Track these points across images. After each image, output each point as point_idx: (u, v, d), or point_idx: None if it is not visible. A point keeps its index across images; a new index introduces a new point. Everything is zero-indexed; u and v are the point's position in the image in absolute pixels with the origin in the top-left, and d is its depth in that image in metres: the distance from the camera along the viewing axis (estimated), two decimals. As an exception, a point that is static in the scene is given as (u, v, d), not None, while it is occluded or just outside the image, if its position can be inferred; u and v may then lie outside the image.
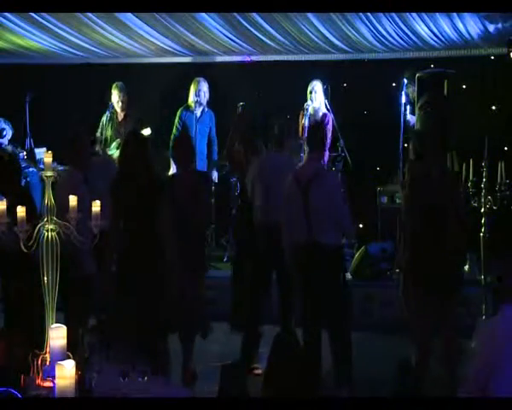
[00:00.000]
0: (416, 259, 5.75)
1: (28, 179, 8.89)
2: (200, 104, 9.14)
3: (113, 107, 9.23)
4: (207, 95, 9.18)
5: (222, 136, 9.17)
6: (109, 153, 9.01)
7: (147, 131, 8.89)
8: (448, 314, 5.64)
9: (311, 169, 6.03)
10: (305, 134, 8.64)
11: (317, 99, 8.92)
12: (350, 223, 6.05)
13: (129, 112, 9.27)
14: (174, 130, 9.23)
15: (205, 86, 9.17)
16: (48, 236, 4.01)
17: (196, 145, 8.50)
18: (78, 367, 3.58)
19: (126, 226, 5.93)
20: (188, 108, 9.18)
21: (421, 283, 5.68)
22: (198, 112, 9.16)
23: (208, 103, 9.25)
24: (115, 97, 9.22)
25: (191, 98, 9.14)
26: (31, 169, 9.05)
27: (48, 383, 3.84)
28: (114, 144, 9.05)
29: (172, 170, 9.12)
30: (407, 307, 5.90)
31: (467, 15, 8.40)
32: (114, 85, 9.29)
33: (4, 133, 9.11)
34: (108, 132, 9.17)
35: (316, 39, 9.52)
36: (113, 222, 5.72)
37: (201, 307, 6.23)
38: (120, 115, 9.27)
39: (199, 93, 9.11)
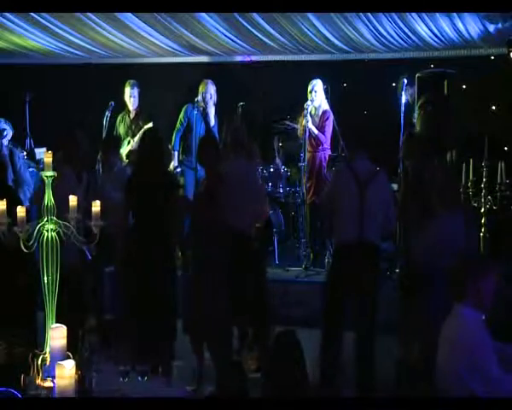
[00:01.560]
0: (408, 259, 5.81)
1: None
2: (207, 105, 9.17)
3: (113, 106, 9.26)
4: (214, 97, 9.23)
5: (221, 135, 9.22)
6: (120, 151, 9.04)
7: (149, 126, 8.94)
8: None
9: (367, 168, 5.98)
10: (306, 134, 8.66)
11: (317, 98, 8.91)
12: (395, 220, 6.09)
13: (140, 110, 9.33)
14: (178, 124, 9.30)
15: (212, 89, 9.21)
16: (48, 236, 4.01)
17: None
18: (78, 367, 3.58)
19: (139, 225, 5.94)
20: (194, 104, 9.19)
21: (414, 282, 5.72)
22: (203, 110, 9.18)
23: (215, 105, 9.27)
24: (127, 94, 9.30)
25: (199, 96, 9.18)
26: (31, 169, 9.06)
27: (48, 383, 3.83)
28: (125, 142, 9.14)
29: (174, 164, 9.18)
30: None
31: (467, 15, 8.40)
32: (127, 83, 9.38)
33: (5, 133, 9.11)
34: (121, 131, 9.27)
35: (316, 39, 9.52)
36: (125, 220, 5.80)
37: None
38: (132, 113, 9.35)
39: (205, 95, 9.15)
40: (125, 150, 9.01)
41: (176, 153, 9.27)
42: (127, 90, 9.37)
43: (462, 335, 3.92)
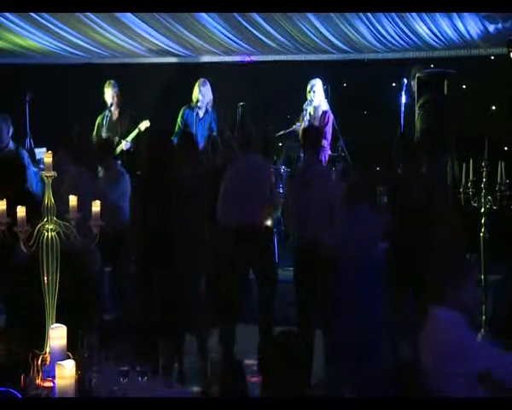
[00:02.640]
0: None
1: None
2: (203, 105, 9.11)
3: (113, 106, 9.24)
4: (210, 96, 9.15)
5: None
6: None
7: (146, 124, 8.90)
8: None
9: (312, 168, 6.09)
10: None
11: (316, 97, 8.88)
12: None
13: (123, 109, 9.25)
14: (176, 128, 9.22)
15: (208, 87, 9.14)
16: (48, 236, 4.01)
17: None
18: (78, 367, 3.58)
19: (151, 227, 5.92)
20: (190, 107, 9.16)
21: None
22: (200, 112, 9.14)
23: (211, 104, 9.23)
24: (108, 95, 9.19)
25: (194, 98, 9.13)
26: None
27: (48, 383, 3.84)
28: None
29: None
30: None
31: (467, 15, 8.42)
32: (107, 83, 9.25)
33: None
34: (104, 132, 9.18)
35: (316, 39, 9.54)
36: (138, 223, 5.83)
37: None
38: (115, 114, 9.24)
39: (201, 94, 9.09)
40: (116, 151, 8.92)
41: None
42: (108, 90, 9.22)
43: (445, 339, 3.87)
